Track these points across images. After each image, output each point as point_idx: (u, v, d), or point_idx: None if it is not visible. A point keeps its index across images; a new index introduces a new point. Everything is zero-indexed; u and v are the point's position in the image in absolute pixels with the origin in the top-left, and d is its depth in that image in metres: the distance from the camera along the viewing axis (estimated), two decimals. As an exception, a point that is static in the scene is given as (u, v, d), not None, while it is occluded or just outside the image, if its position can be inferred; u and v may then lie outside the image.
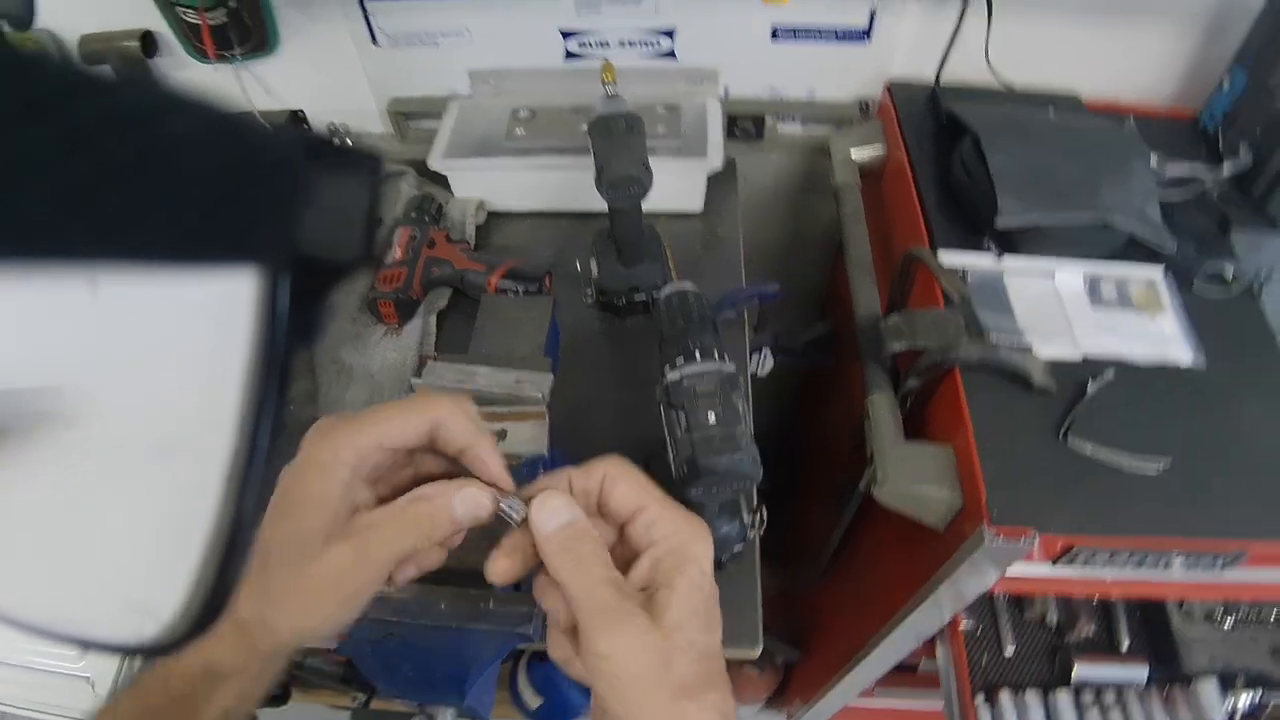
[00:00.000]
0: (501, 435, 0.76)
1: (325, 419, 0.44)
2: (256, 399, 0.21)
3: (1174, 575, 0.75)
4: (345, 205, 0.22)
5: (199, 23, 1.04)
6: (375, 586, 0.42)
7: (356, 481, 0.43)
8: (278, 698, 1.34)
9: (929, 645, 0.92)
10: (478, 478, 0.45)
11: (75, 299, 0.18)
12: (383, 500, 0.44)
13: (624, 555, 0.44)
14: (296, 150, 0.20)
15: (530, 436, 0.76)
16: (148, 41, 1.13)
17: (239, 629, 0.40)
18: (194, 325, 0.22)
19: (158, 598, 0.24)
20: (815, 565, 1.24)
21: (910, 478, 0.76)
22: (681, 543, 0.42)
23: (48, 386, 0.23)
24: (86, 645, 0.26)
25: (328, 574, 0.40)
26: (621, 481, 0.44)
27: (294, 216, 0.20)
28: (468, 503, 0.43)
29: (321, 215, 0.21)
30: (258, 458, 0.21)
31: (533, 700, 1.41)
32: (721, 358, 0.66)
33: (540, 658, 1.37)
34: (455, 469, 0.46)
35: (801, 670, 1.48)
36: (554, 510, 0.42)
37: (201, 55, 1.10)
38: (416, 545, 0.42)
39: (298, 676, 1.31)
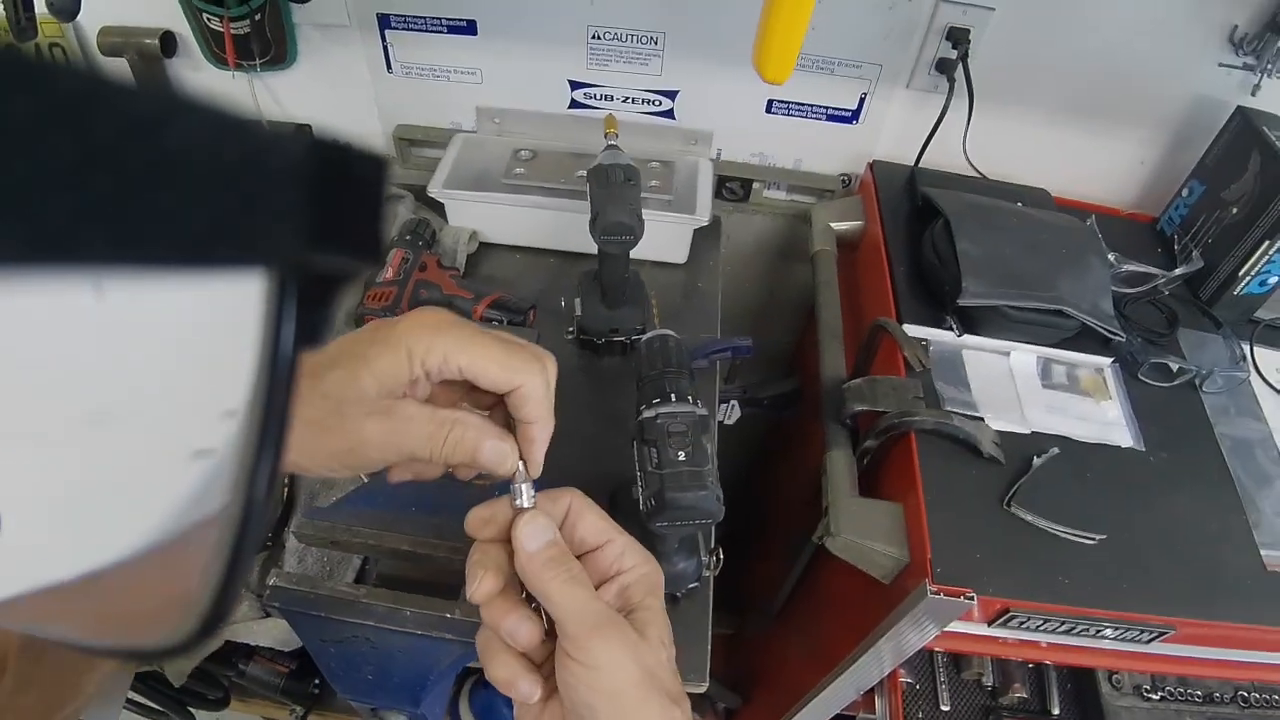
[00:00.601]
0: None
1: (430, 312, 0.45)
2: (263, 401, 0.21)
3: (1105, 644, 0.79)
4: (353, 208, 0.22)
5: (222, 30, 1.08)
6: (376, 467, 0.44)
7: (423, 380, 0.44)
8: (217, 702, 1.32)
9: (868, 698, 0.95)
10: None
11: (80, 303, 0.17)
12: (433, 401, 0.45)
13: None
14: (304, 153, 0.19)
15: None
16: (167, 41, 1.16)
17: None
18: (201, 328, 0.21)
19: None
20: (765, 613, 1.27)
21: (861, 531, 0.79)
22: (649, 571, 0.46)
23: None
24: (89, 650, 0.26)
25: (348, 435, 0.41)
26: (588, 513, 0.47)
27: (302, 219, 0.20)
28: (496, 454, 0.44)
29: (329, 218, 0.21)
30: (265, 463, 0.21)
31: (473, 728, 1.40)
32: (695, 402, 0.70)
33: (484, 684, 1.37)
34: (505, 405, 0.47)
35: (743, 718, 1.49)
36: (541, 529, 0.44)
37: (220, 62, 1.13)
38: (433, 459, 0.43)
39: (238, 684, 1.30)
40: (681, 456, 0.65)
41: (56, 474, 0.23)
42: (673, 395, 0.69)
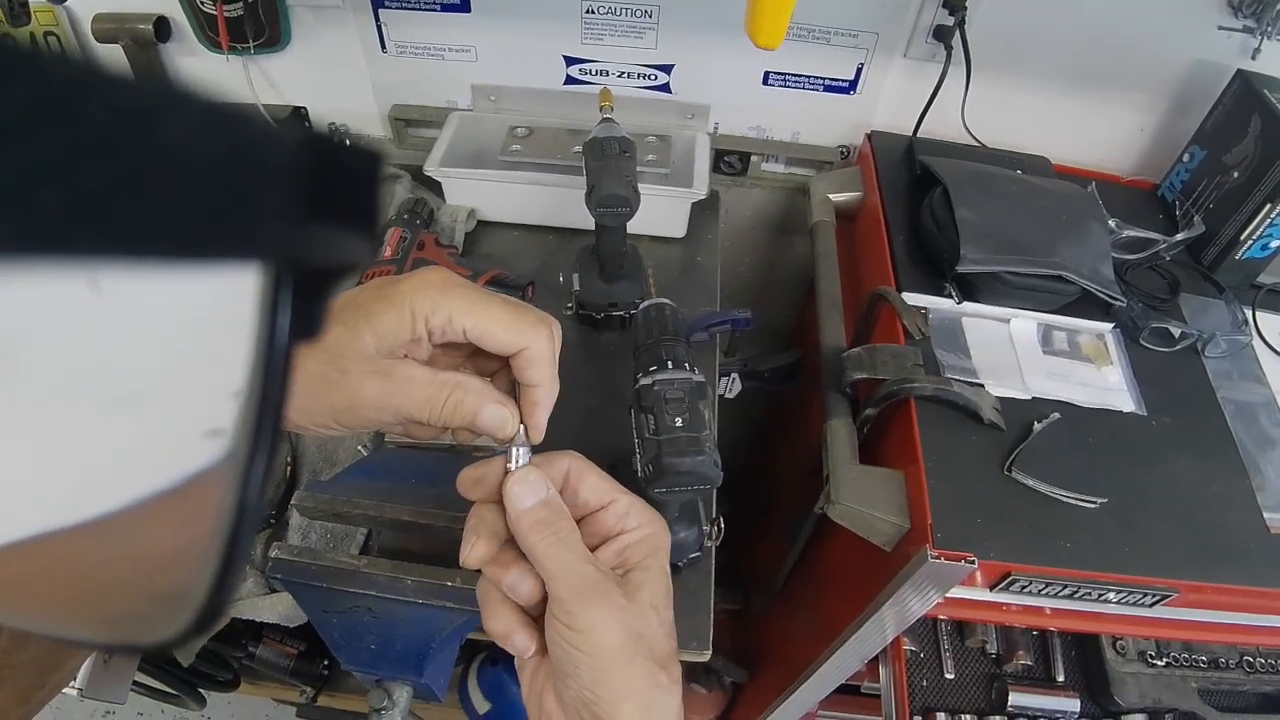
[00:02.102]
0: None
1: (436, 271, 0.43)
2: (259, 395, 0.21)
3: (1108, 609, 0.79)
4: (349, 202, 0.22)
5: (215, 13, 1.08)
6: (371, 426, 0.43)
7: (424, 340, 0.43)
8: (227, 683, 1.33)
9: (872, 667, 0.96)
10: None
11: (75, 295, 0.17)
12: (433, 363, 0.45)
13: (587, 543, 0.46)
14: (300, 147, 0.19)
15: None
16: (161, 26, 1.15)
17: None
18: (196, 323, 0.21)
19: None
20: (768, 588, 1.27)
21: (862, 499, 0.79)
22: (653, 531, 0.45)
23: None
24: (85, 645, 0.26)
25: (346, 391, 0.41)
26: (589, 474, 0.46)
27: (298, 213, 0.20)
28: (496, 418, 0.44)
29: (325, 212, 0.21)
30: (260, 456, 0.21)
31: (481, 704, 1.41)
32: (692, 369, 0.70)
33: (492, 661, 1.38)
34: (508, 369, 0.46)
35: (749, 692, 1.50)
36: (532, 486, 0.43)
37: (214, 46, 1.13)
38: (432, 421, 0.43)
39: (248, 667, 1.31)
40: (679, 423, 0.65)
41: (76, 457, 0.23)
42: (669, 362, 0.69)
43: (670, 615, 0.44)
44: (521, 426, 0.45)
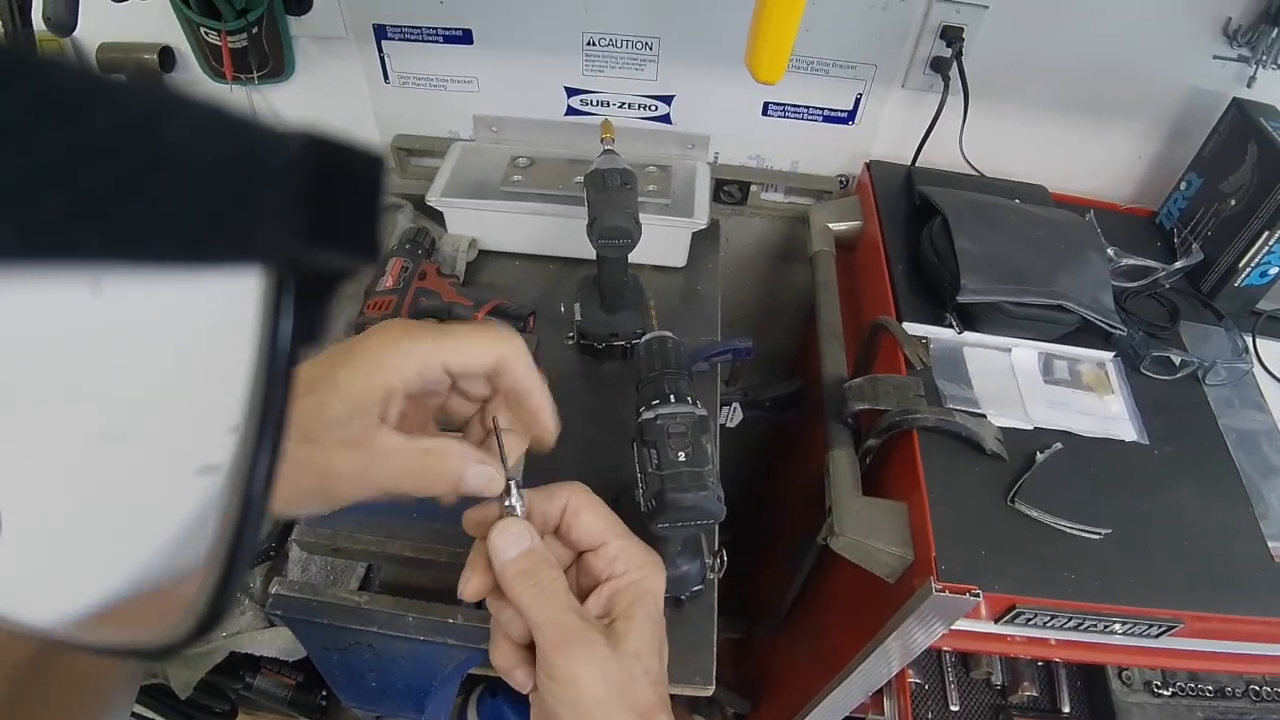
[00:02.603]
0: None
1: (393, 322, 0.42)
2: (261, 401, 0.21)
3: (1114, 640, 0.79)
4: (350, 205, 0.22)
5: (220, 44, 1.09)
6: (346, 503, 0.42)
7: (396, 396, 0.42)
8: (224, 715, 1.32)
9: (877, 699, 0.95)
10: (498, 449, 0.44)
11: (77, 300, 0.17)
12: (404, 422, 0.43)
13: (579, 580, 0.46)
14: (302, 150, 0.19)
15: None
16: (166, 56, 1.16)
17: None
18: (198, 327, 0.21)
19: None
20: (771, 617, 1.26)
21: (865, 530, 0.79)
22: (642, 576, 0.45)
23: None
24: (89, 649, 0.26)
25: (319, 467, 0.40)
26: (585, 512, 0.46)
27: (299, 216, 0.20)
28: (481, 479, 0.43)
29: (326, 216, 0.21)
30: (263, 461, 0.21)
31: (480, 736, 1.40)
32: (695, 403, 0.69)
33: (491, 693, 1.37)
34: (481, 415, 0.45)
35: (751, 724, 1.48)
36: (514, 536, 0.43)
37: (219, 76, 1.14)
38: (410, 487, 0.42)
39: (245, 697, 1.30)
40: (682, 457, 0.65)
41: (71, 490, 0.23)
42: (672, 396, 0.69)
43: (658, 664, 0.43)
44: (513, 484, 0.45)
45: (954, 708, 0.97)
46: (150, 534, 0.23)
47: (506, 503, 0.44)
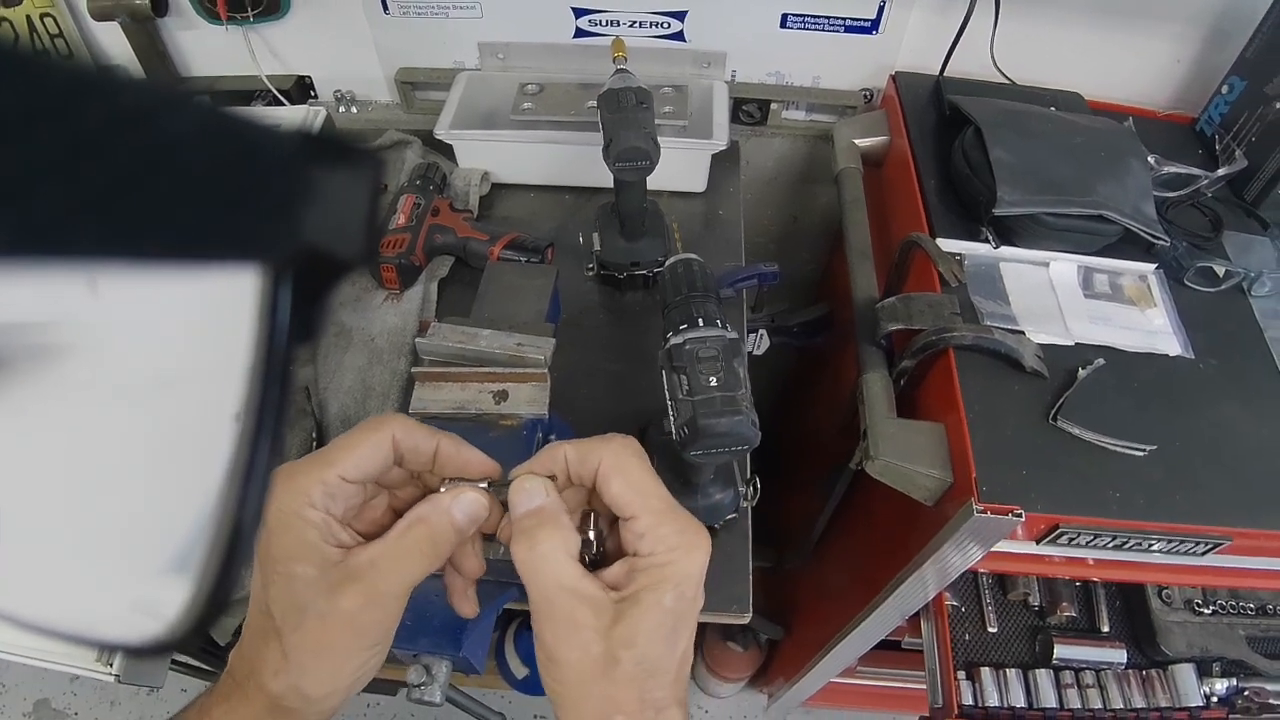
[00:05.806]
0: (503, 396, 0.77)
1: (283, 466, 0.40)
2: (259, 397, 0.21)
3: (1154, 559, 0.77)
4: (345, 204, 0.22)
5: (212, -18, 1.05)
6: (395, 620, 0.40)
7: (333, 523, 0.40)
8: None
9: (913, 622, 0.94)
10: (463, 478, 0.43)
11: (75, 296, 0.18)
12: (368, 537, 0.41)
13: (613, 542, 0.43)
14: (297, 149, 0.20)
15: (530, 398, 0.77)
16: (158, 0, 1.13)
17: (275, 707, 0.38)
18: (195, 324, 0.22)
19: (161, 596, 0.23)
20: (802, 546, 1.26)
21: (902, 453, 0.77)
22: (667, 562, 0.40)
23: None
24: (90, 644, 0.26)
25: (344, 623, 0.38)
26: (615, 479, 0.41)
27: (295, 215, 0.20)
28: (467, 507, 0.41)
29: (322, 214, 0.21)
30: (260, 454, 0.21)
31: (519, 670, 1.42)
32: (724, 326, 0.67)
33: (529, 628, 1.38)
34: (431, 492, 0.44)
35: (785, 649, 1.49)
36: (525, 494, 0.41)
37: (213, 17, 1.10)
38: (426, 568, 0.40)
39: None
40: (714, 382, 0.63)
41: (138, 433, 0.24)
42: (700, 320, 0.66)
43: (666, 654, 0.39)
44: (485, 488, 0.43)
45: (991, 629, 0.97)
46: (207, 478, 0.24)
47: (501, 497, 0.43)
